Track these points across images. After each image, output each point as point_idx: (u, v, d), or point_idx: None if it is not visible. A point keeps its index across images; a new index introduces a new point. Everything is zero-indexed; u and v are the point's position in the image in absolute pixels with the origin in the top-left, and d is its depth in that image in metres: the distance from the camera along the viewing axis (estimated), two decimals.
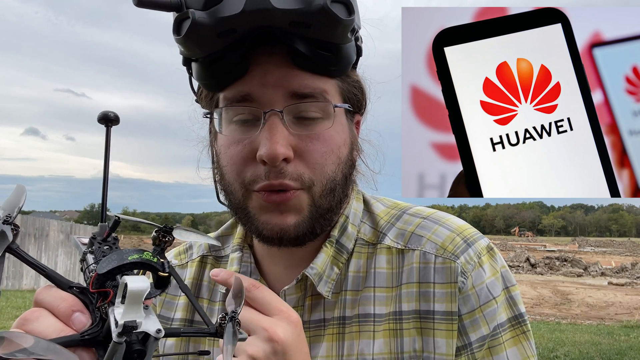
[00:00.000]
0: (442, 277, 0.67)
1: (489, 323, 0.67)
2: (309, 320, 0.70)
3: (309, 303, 0.70)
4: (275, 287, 0.73)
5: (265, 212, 0.64)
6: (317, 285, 0.68)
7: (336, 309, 0.69)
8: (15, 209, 0.44)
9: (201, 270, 0.81)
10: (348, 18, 0.57)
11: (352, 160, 0.70)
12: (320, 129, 0.64)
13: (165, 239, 0.46)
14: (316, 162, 0.64)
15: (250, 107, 0.63)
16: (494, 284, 0.68)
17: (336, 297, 0.70)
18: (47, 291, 0.43)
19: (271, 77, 0.62)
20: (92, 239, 0.47)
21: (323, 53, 0.61)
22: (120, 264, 0.38)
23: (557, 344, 7.30)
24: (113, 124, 0.50)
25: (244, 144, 0.64)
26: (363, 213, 0.76)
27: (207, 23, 0.55)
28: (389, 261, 0.70)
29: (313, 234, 0.66)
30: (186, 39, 0.57)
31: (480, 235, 0.72)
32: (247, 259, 0.75)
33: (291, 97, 0.62)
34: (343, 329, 0.69)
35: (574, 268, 21.33)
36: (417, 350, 0.66)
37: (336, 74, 0.65)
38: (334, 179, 0.65)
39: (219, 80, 0.64)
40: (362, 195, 0.79)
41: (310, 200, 0.65)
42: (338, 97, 0.67)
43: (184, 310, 0.79)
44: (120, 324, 0.34)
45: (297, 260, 0.71)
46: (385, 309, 0.68)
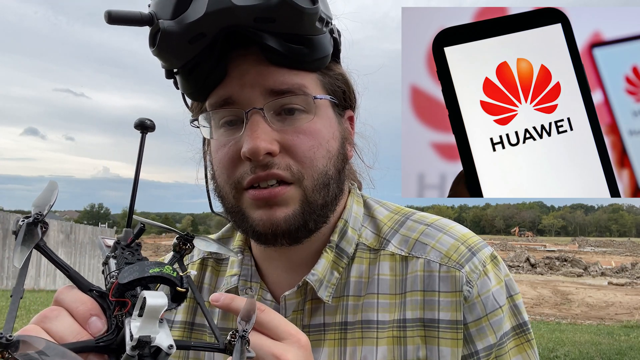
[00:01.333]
0: (447, 286, 0.66)
1: (495, 332, 0.66)
2: (308, 324, 0.69)
3: (308, 307, 0.70)
4: (275, 290, 0.73)
5: (256, 209, 0.64)
6: (318, 291, 0.68)
7: (338, 314, 0.69)
8: (46, 206, 0.44)
9: (202, 273, 0.81)
10: (311, 7, 0.57)
11: (344, 155, 0.69)
12: (303, 122, 0.64)
13: (185, 246, 0.46)
14: (304, 155, 0.63)
15: (232, 109, 0.64)
16: (499, 292, 0.68)
17: (337, 302, 0.69)
18: (68, 292, 0.44)
19: (248, 77, 0.62)
20: (116, 243, 0.48)
21: (294, 46, 0.61)
22: (141, 277, 0.38)
23: (557, 344, 7.30)
24: (149, 130, 0.51)
25: (229, 146, 0.64)
26: (364, 217, 0.75)
27: (176, 31, 0.56)
28: (392, 268, 0.70)
29: (306, 230, 0.66)
30: (160, 50, 0.58)
31: (484, 243, 0.71)
32: (247, 261, 0.75)
33: (270, 95, 0.63)
34: (345, 335, 0.68)
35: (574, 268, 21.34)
36: (421, 358, 0.65)
37: (313, 67, 0.65)
38: (325, 173, 0.65)
39: (201, 88, 0.64)
40: (363, 198, 0.78)
41: (301, 194, 0.64)
42: (320, 91, 0.67)
43: (184, 313, 0.79)
44: (135, 337, 0.34)
45: (295, 263, 0.71)
46: (388, 315, 0.68)
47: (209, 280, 0.79)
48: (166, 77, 0.66)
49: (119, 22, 0.56)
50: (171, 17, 0.56)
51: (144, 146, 0.49)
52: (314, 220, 0.66)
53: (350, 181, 0.77)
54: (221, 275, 0.79)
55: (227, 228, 0.84)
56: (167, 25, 0.56)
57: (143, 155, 0.49)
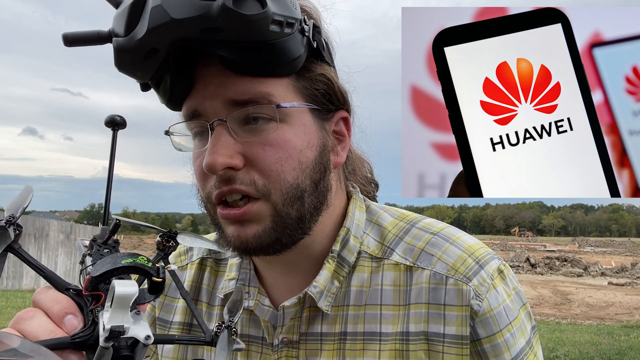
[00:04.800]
0: (453, 300, 0.64)
1: (510, 348, 0.64)
2: (306, 332, 0.68)
3: (306, 315, 0.68)
4: (273, 295, 0.72)
5: (229, 225, 0.63)
6: (318, 302, 0.66)
7: (337, 324, 0.67)
8: (19, 209, 0.44)
9: (200, 273, 0.80)
10: (257, 12, 0.53)
11: (323, 164, 0.65)
12: (270, 132, 0.60)
13: (169, 243, 0.46)
14: (270, 169, 0.60)
15: (198, 120, 0.62)
16: (509, 307, 0.66)
17: (337, 311, 0.68)
18: (44, 292, 0.43)
19: (210, 88, 0.60)
20: (92, 241, 0.47)
21: (251, 54, 0.57)
22: (113, 268, 0.37)
23: (557, 344, 7.29)
24: (120, 127, 0.50)
25: (200, 159, 0.62)
26: (366, 223, 0.73)
27: (129, 48, 0.54)
28: (396, 278, 0.68)
29: (280, 244, 0.63)
30: (119, 67, 0.57)
31: (492, 255, 0.69)
32: (246, 265, 0.73)
33: (232, 106, 0.60)
34: (344, 345, 0.67)
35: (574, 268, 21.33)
36: None
37: (281, 73, 0.61)
38: (297, 186, 0.62)
39: (170, 100, 0.63)
40: (366, 204, 0.75)
41: (271, 210, 0.61)
42: (292, 97, 0.62)
43: (182, 314, 0.78)
44: (107, 328, 0.34)
45: (292, 267, 0.70)
46: (392, 327, 0.66)
47: (208, 281, 0.78)
48: (141, 89, 0.64)
49: (76, 44, 0.55)
50: (124, 33, 0.54)
51: (116, 143, 0.49)
52: (288, 235, 0.63)
53: (352, 184, 0.75)
54: (220, 276, 0.78)
55: None
56: (120, 42, 0.54)
57: (116, 152, 0.49)
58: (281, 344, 0.69)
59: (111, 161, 0.49)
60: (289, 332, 0.68)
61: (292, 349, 0.68)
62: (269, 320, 0.70)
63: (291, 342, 0.68)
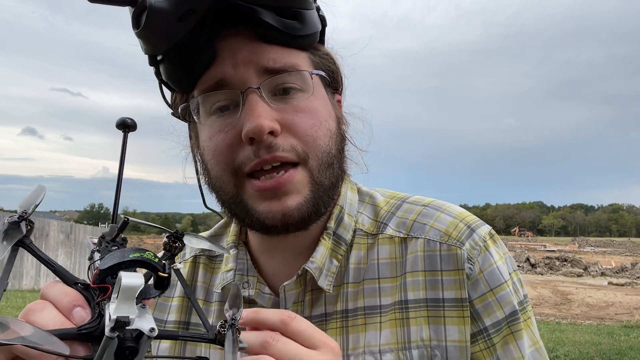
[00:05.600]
0: (448, 265, 0.65)
1: (503, 307, 0.65)
2: (310, 315, 0.68)
3: (309, 298, 0.69)
4: (273, 281, 0.72)
5: (263, 200, 0.62)
6: (318, 280, 0.67)
7: (338, 303, 0.68)
8: (31, 206, 0.45)
9: (195, 271, 0.80)
10: None
11: (342, 135, 0.68)
12: (301, 100, 0.62)
13: (175, 244, 0.46)
14: (307, 134, 0.61)
15: (226, 90, 0.61)
16: (502, 267, 0.67)
17: (337, 290, 0.69)
18: (53, 286, 0.44)
19: (240, 55, 0.60)
20: (101, 238, 0.48)
21: (288, 21, 0.59)
22: (120, 261, 0.38)
23: (557, 344, 7.29)
24: (130, 130, 0.50)
25: (226, 131, 0.62)
26: (359, 204, 0.74)
27: (165, 7, 0.53)
28: (391, 251, 0.69)
29: (318, 214, 0.64)
30: (146, 30, 0.55)
31: (482, 221, 0.71)
32: (242, 256, 0.73)
33: (264, 73, 0.60)
34: (346, 322, 0.67)
35: (574, 268, 21.32)
36: (425, 339, 0.64)
37: (305, 44, 0.63)
38: (329, 152, 0.63)
39: (189, 72, 0.61)
40: (357, 186, 0.77)
41: (309, 177, 0.62)
42: (312, 69, 0.65)
43: (177, 313, 0.78)
44: (113, 318, 0.34)
45: (294, 253, 0.70)
46: (390, 299, 0.67)
47: (203, 278, 0.78)
48: (149, 63, 0.63)
49: (101, 1, 0.54)
50: None
51: (126, 145, 0.49)
52: (324, 203, 0.64)
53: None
54: (215, 272, 0.78)
55: (219, 225, 0.82)
56: (154, 1, 0.53)
57: (126, 154, 0.49)
58: None
59: (121, 162, 0.49)
60: None
61: None
62: (272, 308, 0.70)
63: None
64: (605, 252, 38.23)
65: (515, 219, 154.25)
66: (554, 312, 11.30)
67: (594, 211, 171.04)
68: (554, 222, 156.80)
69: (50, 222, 13.88)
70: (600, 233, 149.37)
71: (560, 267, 21.41)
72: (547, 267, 21.51)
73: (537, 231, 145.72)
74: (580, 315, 10.94)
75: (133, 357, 0.35)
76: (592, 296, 13.62)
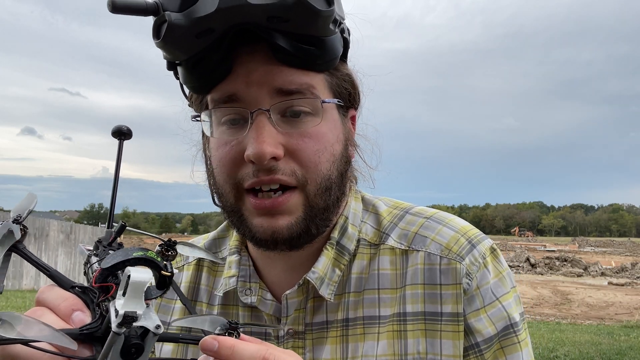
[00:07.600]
0: (448, 279, 0.66)
1: (495, 323, 0.66)
2: (311, 322, 0.69)
3: (311, 305, 0.69)
4: (275, 290, 0.72)
5: (257, 215, 0.63)
6: (319, 289, 0.67)
7: (339, 311, 0.69)
8: (25, 210, 0.45)
9: (198, 274, 0.80)
10: (327, 9, 0.56)
11: (347, 157, 0.68)
12: (309, 125, 0.62)
13: (168, 253, 0.47)
14: (309, 160, 0.62)
15: (237, 107, 0.62)
16: (497, 285, 0.68)
17: (339, 299, 0.69)
18: (49, 290, 0.43)
19: (255, 75, 0.61)
20: (97, 242, 0.48)
21: (306, 47, 0.60)
22: (125, 259, 0.38)
23: (557, 344, 7.29)
24: (126, 137, 0.51)
25: (232, 145, 0.63)
26: (363, 213, 0.75)
27: (183, 24, 0.54)
28: (392, 262, 0.69)
29: (309, 235, 0.65)
30: (165, 42, 0.57)
31: (484, 236, 0.71)
32: (245, 262, 0.74)
33: (277, 95, 0.61)
34: (347, 331, 0.68)
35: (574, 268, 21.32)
36: (421, 352, 0.65)
37: (323, 68, 0.64)
38: (329, 178, 0.64)
39: (204, 82, 0.62)
40: (361, 194, 0.78)
41: (304, 200, 0.63)
42: (327, 92, 0.65)
43: (180, 315, 0.78)
44: (121, 313, 0.34)
45: (296, 263, 0.70)
46: (389, 310, 0.67)
47: (206, 281, 0.79)
48: (167, 68, 0.65)
49: (123, 12, 0.54)
50: (179, 9, 0.54)
51: (122, 153, 0.50)
52: (316, 225, 0.65)
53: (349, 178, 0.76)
54: (218, 275, 0.78)
55: (222, 227, 0.83)
56: (174, 17, 0.54)
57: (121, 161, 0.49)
58: (287, 335, 0.69)
59: (117, 170, 0.50)
60: (295, 323, 0.69)
61: (297, 340, 0.69)
62: (274, 314, 0.71)
63: (297, 332, 0.69)
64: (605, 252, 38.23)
65: (515, 219, 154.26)
66: (553, 312, 11.30)
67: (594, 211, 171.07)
68: (554, 222, 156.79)
69: (50, 222, 13.88)
70: (600, 233, 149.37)
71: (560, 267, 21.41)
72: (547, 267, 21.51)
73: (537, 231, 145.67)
74: (580, 315, 10.94)
75: (139, 356, 0.35)
76: (592, 296, 13.62)
